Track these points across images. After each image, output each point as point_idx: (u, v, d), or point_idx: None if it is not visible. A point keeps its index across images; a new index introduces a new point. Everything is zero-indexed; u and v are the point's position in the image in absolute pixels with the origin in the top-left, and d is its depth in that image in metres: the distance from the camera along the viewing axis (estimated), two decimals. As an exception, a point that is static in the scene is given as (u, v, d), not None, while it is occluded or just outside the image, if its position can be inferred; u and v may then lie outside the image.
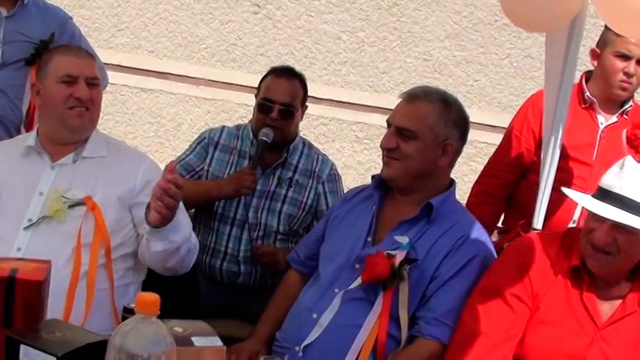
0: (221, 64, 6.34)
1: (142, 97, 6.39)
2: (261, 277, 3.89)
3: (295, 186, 3.89)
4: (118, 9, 6.43)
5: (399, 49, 6.38)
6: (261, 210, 3.86)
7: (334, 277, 2.98)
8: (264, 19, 6.30)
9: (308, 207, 3.91)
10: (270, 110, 3.81)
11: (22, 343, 1.70)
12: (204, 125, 5.89)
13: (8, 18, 4.31)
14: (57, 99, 2.99)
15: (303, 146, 4.00)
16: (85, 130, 3.05)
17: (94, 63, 3.09)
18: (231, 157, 3.94)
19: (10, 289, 1.83)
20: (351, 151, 6.29)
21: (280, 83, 3.88)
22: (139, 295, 1.64)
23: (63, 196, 2.91)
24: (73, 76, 2.98)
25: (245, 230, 3.86)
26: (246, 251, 3.85)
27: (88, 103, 2.99)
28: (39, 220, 2.88)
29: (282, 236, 3.90)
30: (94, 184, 2.97)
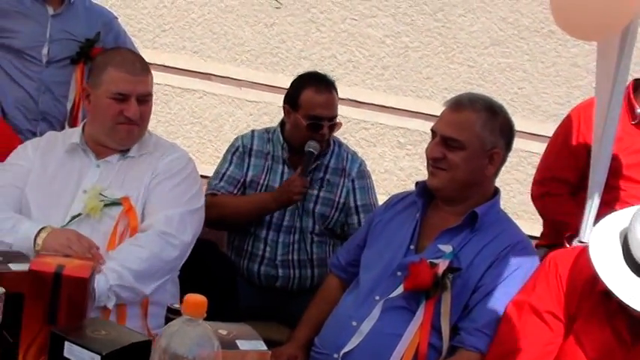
0: (264, 67, 6.34)
1: (184, 97, 6.41)
2: (300, 281, 3.88)
3: (327, 185, 3.89)
4: (162, 10, 6.45)
5: (443, 55, 6.34)
6: (296, 213, 3.85)
7: (375, 284, 2.95)
8: (307, 23, 6.29)
9: (341, 205, 3.90)
10: (320, 128, 3.79)
11: (66, 340, 1.70)
12: (246, 127, 5.88)
13: (55, 17, 4.37)
14: (107, 114, 2.99)
15: (334, 145, 3.98)
16: (131, 143, 3.05)
17: (147, 78, 3.05)
18: (266, 162, 3.93)
19: (56, 285, 1.83)
20: (393, 156, 6.25)
21: (324, 98, 3.82)
22: (187, 297, 1.63)
23: (101, 194, 2.92)
24: (125, 94, 2.96)
25: (282, 234, 3.85)
26: (283, 255, 3.85)
27: (137, 121, 3.00)
28: (78, 217, 2.89)
29: (318, 237, 3.89)
30: (131, 182, 2.98)
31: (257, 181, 3.90)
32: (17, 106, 4.34)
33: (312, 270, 3.88)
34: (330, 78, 3.97)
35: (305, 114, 3.80)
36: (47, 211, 2.92)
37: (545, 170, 4.00)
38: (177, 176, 3.02)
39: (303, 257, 3.86)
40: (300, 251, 3.86)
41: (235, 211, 3.82)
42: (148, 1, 6.45)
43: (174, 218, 2.92)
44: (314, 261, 3.87)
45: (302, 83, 3.93)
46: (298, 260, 3.86)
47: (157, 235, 2.87)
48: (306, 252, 3.86)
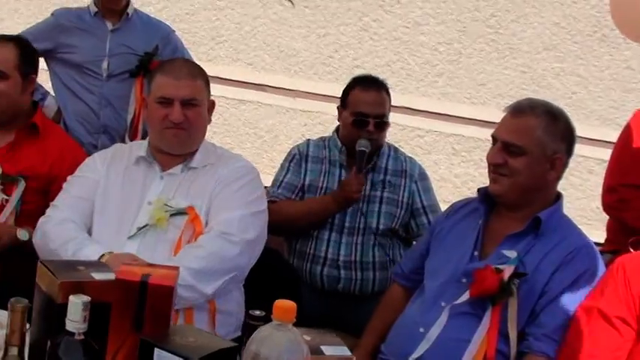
0: (318, 77, 6.38)
1: (239, 108, 6.47)
2: (362, 283, 3.90)
3: (389, 186, 3.92)
4: (216, 22, 6.54)
5: (497, 61, 6.33)
6: (359, 213, 3.88)
7: (440, 291, 2.95)
8: (360, 32, 6.32)
9: (405, 205, 3.92)
10: (365, 124, 3.82)
11: (156, 346, 1.72)
12: (301, 137, 5.92)
13: (114, 31, 4.45)
14: (155, 118, 3.05)
15: (389, 149, 4.02)
16: (182, 147, 3.07)
17: (192, 83, 3.04)
18: (323, 167, 3.97)
19: (142, 293, 1.86)
20: (448, 163, 6.25)
21: (371, 96, 3.87)
22: (277, 302, 1.65)
23: (166, 204, 2.94)
24: (168, 99, 2.99)
25: (344, 234, 3.88)
26: (346, 255, 3.87)
27: (183, 125, 3.00)
28: (145, 228, 2.93)
29: (381, 238, 3.90)
30: (195, 192, 3.00)
31: (316, 185, 3.94)
32: (79, 120, 4.43)
33: (373, 272, 3.89)
34: (382, 80, 4.01)
35: (351, 111, 3.87)
36: (113, 223, 2.97)
37: (614, 177, 3.96)
38: (240, 181, 3.03)
39: (365, 259, 3.88)
40: (362, 253, 3.87)
41: (296, 215, 3.85)
42: (203, 15, 6.54)
43: (235, 219, 2.92)
44: (376, 264, 3.89)
45: (352, 83, 4.01)
46: (361, 262, 3.87)
47: (216, 235, 2.88)
48: (368, 254, 3.88)
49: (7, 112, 3.45)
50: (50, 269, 1.92)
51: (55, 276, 1.88)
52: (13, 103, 3.45)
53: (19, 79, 3.45)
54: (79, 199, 3.05)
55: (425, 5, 6.27)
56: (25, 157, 3.41)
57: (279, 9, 6.45)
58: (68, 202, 3.05)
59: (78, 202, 3.04)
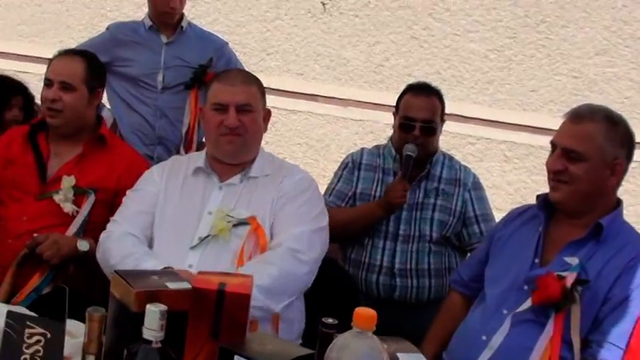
0: (369, 86, 6.40)
1: (290, 118, 6.51)
2: (418, 291, 3.89)
3: (442, 194, 3.92)
4: (267, 34, 6.58)
5: (548, 67, 6.29)
6: (413, 221, 3.89)
7: (502, 298, 2.94)
8: (410, 40, 6.32)
9: (458, 213, 3.91)
10: (412, 128, 3.84)
11: (236, 354, 1.74)
12: (353, 146, 5.94)
13: (168, 44, 4.51)
14: (211, 125, 3.08)
15: (444, 158, 4.02)
16: (237, 154, 3.10)
17: (247, 89, 3.08)
18: (376, 175, 3.98)
19: (219, 301, 1.88)
20: (500, 170, 6.22)
21: (420, 101, 3.89)
22: (358, 310, 1.67)
23: (228, 215, 2.96)
24: (223, 104, 3.03)
25: (399, 243, 3.88)
26: (401, 263, 3.87)
27: (238, 130, 3.03)
28: (206, 238, 2.94)
29: (435, 246, 3.90)
30: (256, 203, 3.02)
31: (368, 193, 3.95)
32: (134, 132, 4.49)
33: (429, 280, 3.89)
34: (435, 87, 4.03)
35: (400, 116, 3.91)
36: (175, 234, 3.00)
37: None
38: (302, 196, 3.06)
39: (421, 266, 3.87)
40: (418, 260, 3.87)
41: (346, 221, 3.85)
42: (253, 27, 6.59)
43: (303, 235, 2.94)
44: (431, 271, 3.89)
45: (406, 89, 4.04)
46: (416, 270, 3.87)
47: (286, 253, 2.89)
48: (424, 261, 3.88)
49: (73, 124, 3.48)
50: (125, 279, 1.95)
51: (131, 285, 1.91)
52: (79, 115, 3.48)
53: (85, 92, 3.48)
54: (138, 213, 3.10)
55: (474, 12, 6.26)
56: (94, 169, 3.45)
57: (328, 19, 6.48)
58: (128, 217, 3.09)
59: (138, 216, 3.09)
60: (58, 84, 3.44)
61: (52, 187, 3.38)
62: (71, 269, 3.23)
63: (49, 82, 3.46)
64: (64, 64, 3.51)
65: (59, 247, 3.22)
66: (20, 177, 3.43)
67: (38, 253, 3.21)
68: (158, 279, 1.99)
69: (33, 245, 3.22)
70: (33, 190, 3.40)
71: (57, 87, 3.43)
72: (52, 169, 3.44)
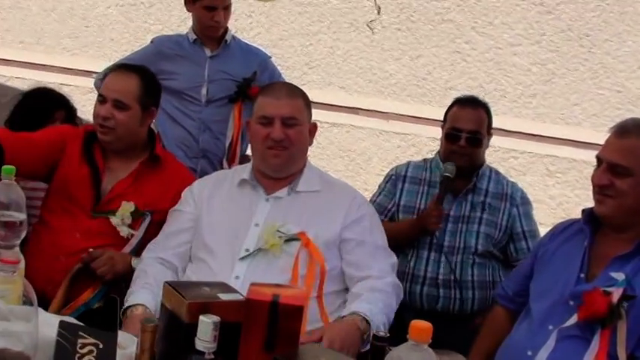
0: (411, 99, 6.40)
1: (333, 132, 6.52)
2: (461, 303, 3.89)
3: (489, 208, 3.93)
4: (309, 47, 6.62)
5: (591, 81, 6.25)
6: (458, 233, 3.90)
7: (547, 313, 2.92)
8: (453, 53, 6.32)
9: (504, 228, 3.92)
10: (457, 139, 3.86)
11: (291, 366, 1.76)
12: (395, 159, 5.95)
13: (212, 58, 4.53)
14: (257, 138, 3.08)
15: (491, 172, 4.04)
16: (283, 168, 3.10)
17: (293, 102, 3.07)
18: (421, 188, 4.00)
19: (273, 313, 1.89)
20: (542, 184, 6.19)
21: (466, 112, 3.93)
22: (414, 323, 1.67)
23: (278, 230, 2.97)
24: (269, 117, 3.02)
25: (444, 254, 3.89)
26: (445, 274, 3.88)
27: (284, 143, 3.02)
28: (255, 251, 2.96)
29: (479, 258, 3.90)
30: (308, 219, 3.02)
31: (412, 206, 3.97)
32: (178, 145, 4.50)
33: (473, 292, 3.89)
34: (483, 100, 4.06)
35: (447, 127, 3.94)
36: (221, 246, 3.01)
37: None
38: (368, 220, 3.08)
39: (465, 278, 3.88)
40: (462, 272, 3.88)
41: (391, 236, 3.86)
42: (296, 40, 6.63)
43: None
44: (475, 283, 3.89)
45: (453, 102, 4.06)
46: (460, 281, 3.88)
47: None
48: (467, 273, 3.88)
49: (124, 142, 3.42)
50: (177, 289, 1.97)
51: (183, 296, 1.93)
52: (131, 133, 3.42)
53: (138, 110, 3.41)
54: (171, 234, 3.15)
55: (517, 26, 6.25)
56: (149, 190, 3.40)
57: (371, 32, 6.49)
58: (160, 240, 3.17)
59: (170, 237, 3.15)
60: (111, 101, 3.37)
61: (107, 205, 3.36)
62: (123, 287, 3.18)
63: (102, 98, 3.40)
64: (118, 80, 3.44)
65: (114, 263, 3.23)
66: (75, 190, 3.37)
67: (93, 268, 3.22)
68: (210, 290, 2.01)
69: (88, 260, 3.22)
70: (86, 204, 3.36)
71: (110, 104, 3.37)
72: (106, 185, 3.40)
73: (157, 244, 3.17)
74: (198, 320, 1.78)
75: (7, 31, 8.12)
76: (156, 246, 3.16)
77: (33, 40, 8.04)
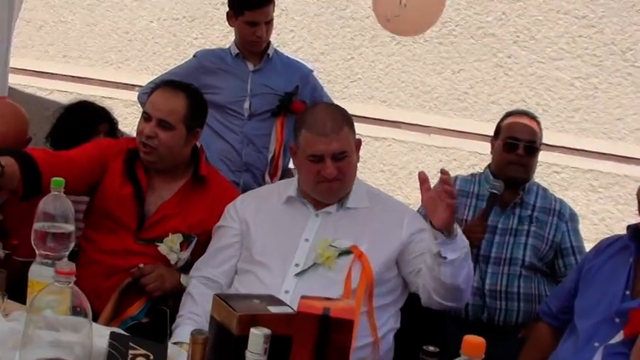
0: (453, 113, 6.39)
1: (374, 145, 6.53)
2: (506, 314, 3.88)
3: (536, 222, 3.93)
4: (351, 61, 6.64)
5: (634, 95, 6.20)
6: (506, 245, 3.90)
7: (593, 331, 2.90)
8: (495, 68, 6.31)
9: (550, 242, 3.92)
10: (516, 147, 3.87)
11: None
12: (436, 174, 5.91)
13: (255, 72, 4.56)
14: (307, 175, 3.06)
15: (538, 188, 4.05)
16: (336, 198, 3.10)
17: (340, 136, 2.99)
18: (469, 201, 4.01)
19: (323, 327, 1.89)
20: (585, 200, 6.15)
21: (523, 122, 3.95)
22: (467, 338, 1.68)
23: (331, 245, 2.98)
24: (319, 156, 2.98)
25: (490, 265, 3.89)
26: (491, 284, 3.88)
27: (337, 177, 3.00)
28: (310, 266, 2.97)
29: (526, 271, 3.89)
30: (359, 234, 3.02)
31: (460, 218, 3.96)
32: (221, 158, 4.53)
33: (518, 303, 3.88)
34: (534, 114, 4.09)
35: (503, 137, 3.94)
36: (271, 261, 3.03)
37: None
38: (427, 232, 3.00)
39: (510, 289, 3.87)
40: (508, 283, 3.87)
41: None
42: (337, 54, 6.65)
43: None
44: (521, 295, 3.88)
45: (505, 115, 4.09)
46: (506, 292, 3.87)
47: None
48: (514, 284, 3.87)
49: (167, 162, 3.37)
50: (227, 302, 1.99)
51: (233, 309, 1.94)
52: (174, 154, 3.36)
53: (183, 131, 3.34)
54: (216, 251, 3.19)
55: (560, 40, 6.22)
56: (195, 211, 3.37)
57: (413, 46, 6.50)
58: (206, 258, 3.21)
59: (216, 254, 3.18)
60: (156, 120, 3.30)
61: (152, 228, 3.33)
62: (170, 304, 3.21)
63: (147, 116, 3.33)
64: (165, 99, 3.36)
65: (163, 281, 3.24)
66: (118, 209, 3.34)
67: (142, 284, 3.23)
68: (259, 303, 2.02)
69: (139, 275, 3.23)
70: (131, 225, 3.33)
71: (154, 123, 3.30)
72: (150, 206, 3.37)
73: (204, 262, 3.20)
74: (249, 333, 1.79)
75: (50, 45, 8.23)
76: (203, 264, 3.20)
77: (76, 54, 8.14)
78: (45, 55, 8.25)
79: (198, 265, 3.21)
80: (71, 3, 8.13)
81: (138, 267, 3.25)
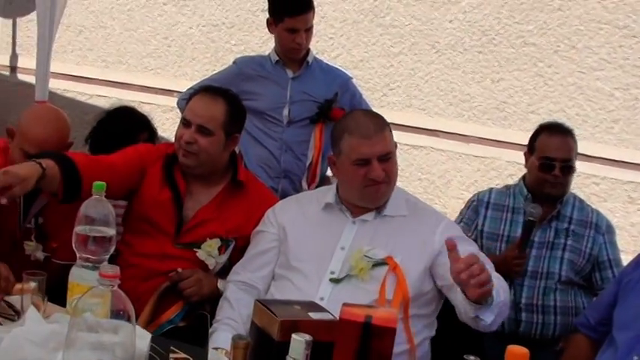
0: (492, 122, 6.37)
1: (412, 154, 6.52)
2: (543, 327, 3.86)
3: (573, 235, 3.92)
4: (390, 69, 6.63)
5: (675, 107, 6.15)
6: (542, 259, 3.89)
7: (632, 343, 2.88)
8: (535, 77, 6.28)
9: (587, 255, 3.91)
10: (552, 168, 3.84)
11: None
12: (474, 183, 5.93)
13: (294, 79, 4.58)
14: (354, 180, 3.05)
15: (575, 200, 4.02)
16: (382, 200, 3.10)
17: (383, 137, 3.03)
18: (505, 215, 4.00)
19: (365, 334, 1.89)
20: (623, 212, 6.09)
21: (557, 140, 3.92)
22: (510, 348, 1.67)
23: (366, 255, 2.97)
24: (365, 159, 2.99)
25: (526, 278, 3.88)
26: (527, 298, 3.88)
27: (384, 179, 3.02)
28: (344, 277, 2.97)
29: (562, 285, 3.88)
30: (394, 243, 3.02)
31: (496, 233, 3.97)
32: (260, 165, 4.55)
33: (555, 317, 3.87)
34: (568, 126, 4.04)
35: (538, 156, 3.91)
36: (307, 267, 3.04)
37: None
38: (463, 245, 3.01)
39: (547, 303, 3.87)
40: (544, 296, 3.86)
41: None
42: (376, 62, 6.65)
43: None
44: (557, 308, 3.87)
45: (539, 129, 4.04)
46: (542, 305, 3.86)
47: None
48: (550, 298, 3.85)
49: (206, 167, 3.39)
50: (268, 307, 2.00)
51: (274, 314, 1.95)
52: (213, 159, 3.38)
53: (222, 137, 3.36)
54: (254, 256, 3.22)
55: (600, 50, 6.17)
56: (233, 216, 3.39)
57: (452, 54, 6.49)
58: (244, 263, 3.23)
59: (254, 259, 3.21)
60: (195, 126, 3.32)
61: (190, 232, 3.36)
62: (208, 308, 3.22)
63: (186, 121, 3.36)
64: (204, 105, 3.38)
65: (201, 286, 3.27)
66: (156, 214, 3.37)
67: (180, 288, 3.26)
68: (300, 309, 2.03)
69: (177, 279, 3.26)
70: (170, 230, 3.36)
71: (194, 129, 3.32)
72: (188, 210, 3.39)
73: (242, 267, 3.22)
74: (290, 338, 1.80)
75: (89, 50, 8.31)
76: (241, 268, 3.22)
77: (115, 59, 8.21)
78: (84, 60, 8.33)
79: (236, 269, 3.23)
80: (111, 8, 8.20)
81: (176, 271, 3.28)
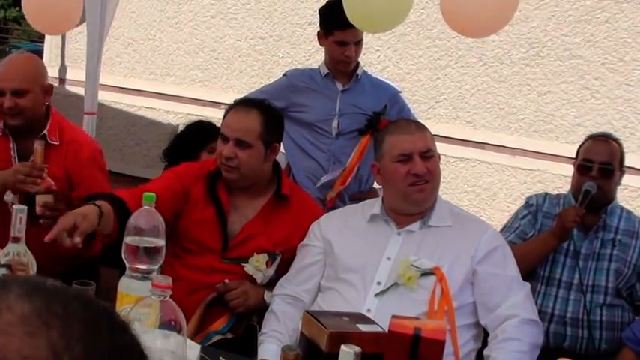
0: (538, 135, 6.35)
1: (458, 166, 6.52)
2: (588, 342, 3.83)
3: (619, 245, 3.88)
4: (437, 81, 6.64)
5: None
6: (588, 270, 3.86)
7: (681, 357, 2.88)
8: (582, 90, 6.25)
9: (633, 265, 3.86)
10: (589, 170, 3.84)
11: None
12: (520, 196, 5.89)
13: (344, 92, 4.59)
14: (397, 178, 3.07)
15: (622, 211, 3.98)
16: (428, 202, 3.11)
17: (424, 135, 3.09)
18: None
19: (414, 346, 1.92)
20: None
21: (598, 145, 3.93)
22: None
23: (413, 265, 2.98)
24: (407, 154, 3.03)
25: (572, 291, 3.85)
26: (573, 312, 3.83)
27: (426, 177, 3.03)
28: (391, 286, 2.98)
29: (609, 298, 3.84)
30: (441, 254, 3.02)
31: None
32: (308, 176, 4.57)
33: (600, 332, 3.83)
34: (615, 136, 4.05)
35: (579, 160, 3.94)
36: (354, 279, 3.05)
37: None
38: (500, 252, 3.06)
39: (593, 317, 3.82)
40: (590, 311, 3.82)
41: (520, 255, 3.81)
42: (423, 74, 6.67)
43: (526, 301, 2.99)
44: (603, 323, 3.83)
45: (586, 138, 4.07)
46: (588, 320, 3.82)
47: (525, 324, 2.90)
48: (596, 312, 3.83)
49: (249, 180, 3.38)
50: (317, 318, 2.02)
51: (324, 325, 1.98)
52: (255, 171, 3.37)
53: (261, 148, 3.34)
54: (300, 269, 3.23)
55: (648, 62, 6.15)
56: (279, 229, 3.38)
57: (499, 67, 6.48)
58: (290, 277, 3.24)
59: (299, 272, 3.22)
60: (233, 140, 3.31)
61: (237, 248, 3.37)
62: (255, 319, 3.24)
63: (223, 137, 3.35)
64: (238, 119, 3.36)
65: (247, 297, 3.28)
66: (201, 232, 3.38)
67: (227, 299, 3.28)
68: (349, 320, 2.05)
69: (223, 291, 3.28)
70: (216, 246, 3.37)
71: (232, 143, 3.30)
72: (234, 225, 3.39)
73: (288, 280, 3.24)
74: (339, 350, 1.82)
75: (137, 63, 8.42)
76: (286, 282, 3.24)
77: (163, 71, 8.31)
78: (132, 72, 8.44)
79: (282, 282, 3.26)
80: (159, 21, 8.31)
81: (223, 282, 3.31)
